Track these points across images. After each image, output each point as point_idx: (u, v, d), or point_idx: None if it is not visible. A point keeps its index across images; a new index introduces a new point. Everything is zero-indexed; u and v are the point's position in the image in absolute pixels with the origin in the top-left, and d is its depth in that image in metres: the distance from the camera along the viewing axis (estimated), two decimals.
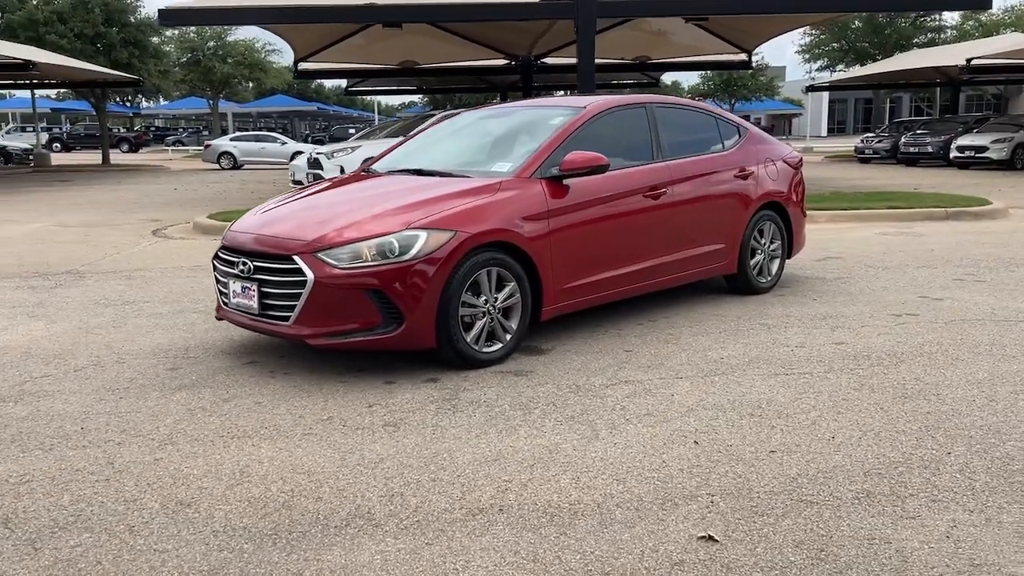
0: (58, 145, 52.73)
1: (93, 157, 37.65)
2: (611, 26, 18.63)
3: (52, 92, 59.38)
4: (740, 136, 6.51)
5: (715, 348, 5.03)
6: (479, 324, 4.63)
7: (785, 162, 6.77)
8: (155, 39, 34.26)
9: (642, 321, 5.73)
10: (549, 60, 24.21)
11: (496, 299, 4.68)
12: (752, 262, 6.45)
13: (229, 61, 45.91)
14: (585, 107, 5.57)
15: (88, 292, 7.04)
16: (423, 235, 4.40)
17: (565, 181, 5.07)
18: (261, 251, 4.59)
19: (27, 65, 22.72)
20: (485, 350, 4.68)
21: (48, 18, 30.39)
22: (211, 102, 48.86)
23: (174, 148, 54.68)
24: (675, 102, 6.38)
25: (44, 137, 50.75)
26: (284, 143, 31.88)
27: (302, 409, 4.04)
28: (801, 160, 7.04)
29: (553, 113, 5.64)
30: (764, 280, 6.57)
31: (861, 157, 29.11)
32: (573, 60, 24.94)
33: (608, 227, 5.28)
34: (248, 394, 4.28)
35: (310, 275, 4.32)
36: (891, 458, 3.35)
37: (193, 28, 43.47)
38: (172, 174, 27.66)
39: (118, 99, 59.45)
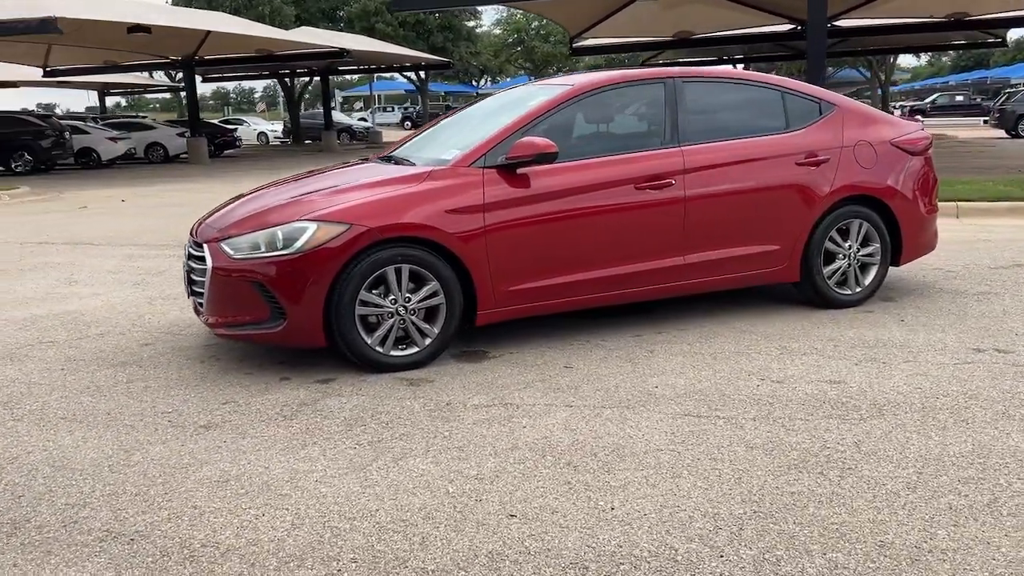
0: (408, 123, 58.50)
1: None
2: None
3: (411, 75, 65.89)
4: (821, 114, 5.30)
5: (665, 374, 4.19)
6: (386, 325, 4.29)
7: (895, 146, 5.40)
8: (470, 23, 36.40)
9: (643, 332, 4.95)
10: (843, 22, 21.77)
11: (409, 299, 4.31)
12: (828, 269, 5.26)
13: (551, 40, 47.53)
14: (572, 85, 4.88)
15: None
16: (311, 227, 4.17)
17: (520, 171, 4.51)
18: (193, 239, 4.67)
19: (340, 53, 25.37)
20: (394, 353, 4.34)
21: (379, 8, 33.63)
22: (531, 80, 51.01)
23: None
24: (716, 75, 5.37)
25: (398, 116, 56.70)
26: None
27: (173, 400, 4.05)
28: (926, 144, 5.56)
29: (541, 93, 5.02)
30: (847, 292, 5.33)
31: None
32: (877, 20, 22.29)
33: (578, 223, 4.61)
34: (147, 377, 4.39)
35: (209, 264, 4.31)
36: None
37: (519, 12, 45.53)
38: None
39: (465, 79, 64.22)
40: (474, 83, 67.75)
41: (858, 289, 5.37)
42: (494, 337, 4.89)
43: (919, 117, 26.64)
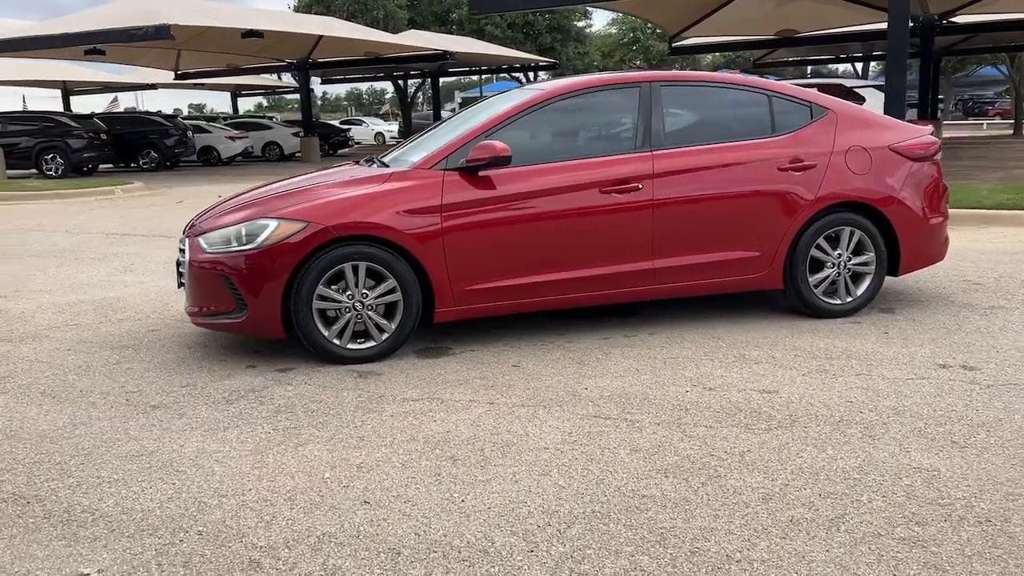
0: None
1: None
2: None
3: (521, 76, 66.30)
4: (812, 117, 5.17)
5: (603, 377, 4.23)
6: (343, 320, 4.52)
7: (895, 152, 5.20)
8: (580, 23, 36.46)
9: (613, 335, 4.98)
10: (960, 19, 20.61)
11: (367, 295, 4.52)
12: (814, 278, 5.13)
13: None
14: (543, 90, 4.96)
15: None
16: (272, 224, 4.43)
17: (483, 173, 4.64)
18: (183, 234, 5.02)
19: (443, 55, 25.97)
20: (351, 347, 4.56)
21: None
22: None
23: None
24: (697, 79, 5.29)
25: None
26: None
27: (142, 381, 4.40)
28: (931, 150, 5.32)
29: (517, 97, 5.12)
30: (837, 302, 5.18)
31: None
32: (999, 16, 20.95)
33: (540, 226, 4.69)
34: (135, 359, 4.77)
35: (187, 257, 4.65)
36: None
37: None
38: None
39: None
40: None
41: (849, 299, 5.21)
42: (464, 334, 5.04)
43: None
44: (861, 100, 13.42)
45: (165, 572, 2.51)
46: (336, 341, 4.52)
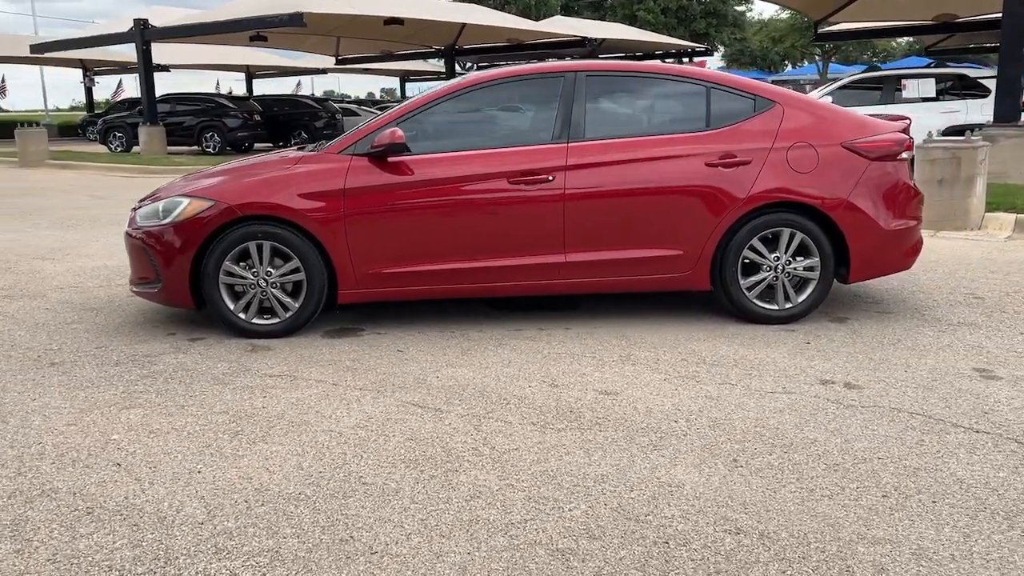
0: None
1: None
2: None
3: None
4: (755, 111, 4.87)
5: (468, 368, 4.23)
6: (249, 295, 4.76)
7: (849, 149, 4.81)
8: (740, 8, 35.17)
9: (527, 328, 4.94)
10: None
11: (271, 273, 4.73)
12: (747, 281, 4.85)
13: None
14: (467, 79, 4.97)
15: None
16: (184, 202, 4.73)
17: (391, 159, 4.73)
18: None
19: (581, 41, 25.87)
20: (256, 321, 4.79)
21: None
22: (820, 66, 48.01)
23: None
24: (629, 69, 5.09)
25: None
26: None
27: (67, 338, 4.83)
28: (894, 148, 4.85)
29: (440, 85, 5.14)
30: (774, 307, 4.88)
31: None
32: None
33: (446, 213, 4.72)
34: (90, 320, 5.22)
35: (126, 228, 5.04)
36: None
37: None
38: None
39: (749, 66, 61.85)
40: (771, 70, 64.97)
41: (788, 305, 4.88)
42: (387, 317, 5.16)
43: None
44: (986, 92, 12.17)
45: None
46: (242, 315, 4.76)
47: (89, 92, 37.51)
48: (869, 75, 14.79)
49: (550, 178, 4.69)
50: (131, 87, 39.59)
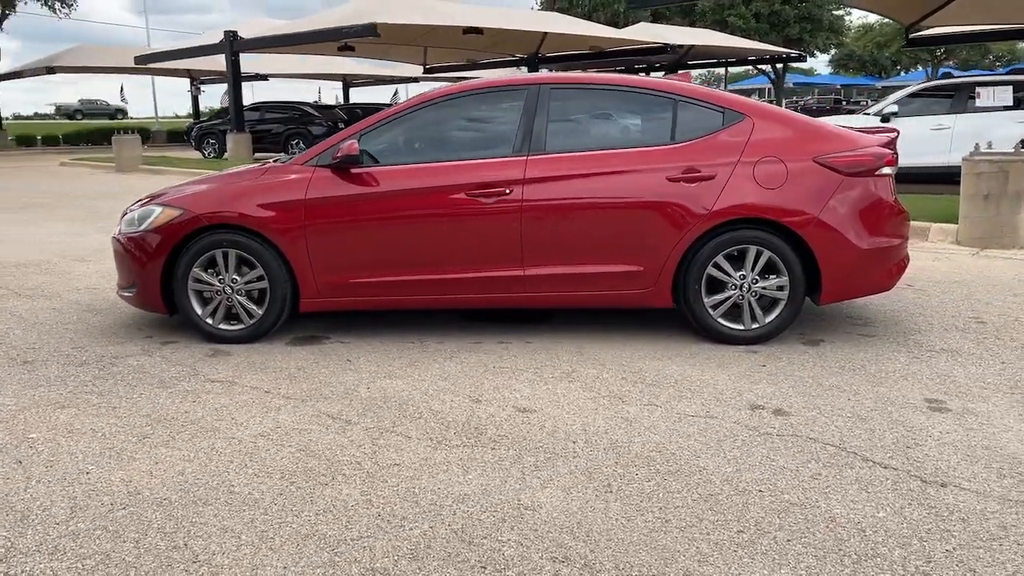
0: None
1: None
2: None
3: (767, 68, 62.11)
4: (723, 124, 4.72)
5: (403, 379, 4.25)
6: (216, 301, 4.91)
7: (821, 164, 4.60)
8: (838, 11, 34.00)
9: (487, 340, 4.93)
10: None
11: (236, 280, 4.87)
12: (711, 299, 4.70)
13: None
14: (432, 92, 4.99)
15: None
16: (157, 210, 4.92)
17: (354, 171, 4.80)
18: None
19: (663, 48, 25.55)
20: (222, 327, 4.94)
21: (733, 1, 32.96)
22: (930, 71, 45.92)
23: None
24: (594, 81, 4.96)
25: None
26: None
27: (51, 337, 5.08)
28: (872, 164, 4.60)
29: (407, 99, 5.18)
30: (740, 327, 4.71)
31: None
32: None
33: (404, 225, 4.75)
34: (79, 319, 5.49)
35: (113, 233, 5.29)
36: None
37: None
38: None
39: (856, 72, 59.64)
40: (882, 75, 62.38)
41: (755, 325, 4.71)
42: (359, 327, 5.22)
43: None
44: None
45: None
46: (209, 320, 4.92)
47: (195, 100, 39.31)
48: (941, 83, 14.04)
49: (507, 191, 4.67)
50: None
